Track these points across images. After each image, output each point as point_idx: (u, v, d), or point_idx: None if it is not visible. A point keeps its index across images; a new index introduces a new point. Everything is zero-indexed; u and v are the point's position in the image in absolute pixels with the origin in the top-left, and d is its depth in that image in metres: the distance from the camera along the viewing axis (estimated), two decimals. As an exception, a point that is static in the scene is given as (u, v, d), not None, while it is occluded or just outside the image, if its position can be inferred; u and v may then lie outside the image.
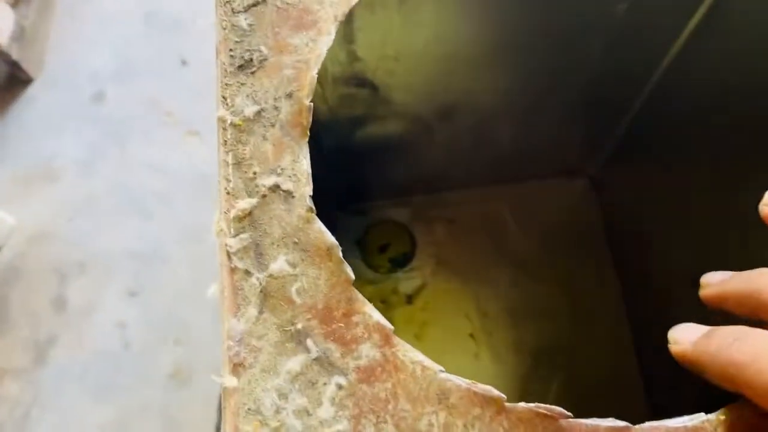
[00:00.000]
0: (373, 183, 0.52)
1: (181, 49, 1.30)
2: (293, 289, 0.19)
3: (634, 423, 0.18)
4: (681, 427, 0.18)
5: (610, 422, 0.18)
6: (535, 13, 0.36)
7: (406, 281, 0.52)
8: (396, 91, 0.41)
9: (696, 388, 0.42)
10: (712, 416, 0.18)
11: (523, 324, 0.51)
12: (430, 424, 0.18)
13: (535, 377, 0.49)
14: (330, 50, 0.35)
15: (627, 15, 0.35)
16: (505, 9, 0.35)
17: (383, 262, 0.52)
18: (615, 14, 0.35)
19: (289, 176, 0.21)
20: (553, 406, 0.18)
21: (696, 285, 0.46)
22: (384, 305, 0.52)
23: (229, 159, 0.21)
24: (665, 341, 0.47)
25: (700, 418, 0.18)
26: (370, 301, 0.53)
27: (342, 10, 0.23)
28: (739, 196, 0.37)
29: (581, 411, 0.50)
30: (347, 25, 0.34)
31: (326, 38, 0.22)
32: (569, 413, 0.18)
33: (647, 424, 0.18)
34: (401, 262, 0.52)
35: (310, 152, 0.42)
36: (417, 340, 0.51)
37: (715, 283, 0.23)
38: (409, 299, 0.52)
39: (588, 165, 0.53)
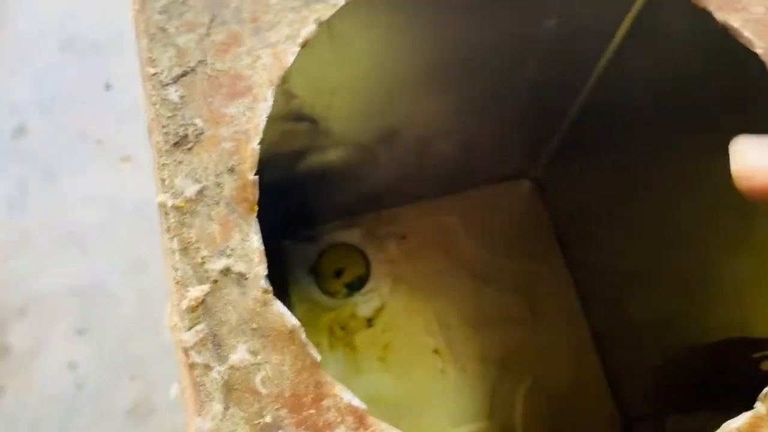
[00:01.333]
0: (320, 208, 0.52)
1: (103, 73, 1.26)
2: (257, 379, 0.19)
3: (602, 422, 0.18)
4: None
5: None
6: (467, 35, 0.35)
7: (365, 304, 0.52)
8: (335, 122, 0.40)
9: (660, 385, 0.43)
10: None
11: (486, 333, 0.51)
12: (415, 504, 0.18)
13: (501, 385, 0.50)
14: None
15: (557, 29, 0.35)
16: (438, 34, 0.35)
17: (339, 288, 0.52)
18: (546, 30, 0.35)
19: (240, 256, 0.20)
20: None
21: (644, 282, 0.47)
22: (344, 331, 0.51)
23: (175, 245, 0.20)
24: (624, 339, 0.49)
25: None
26: (330, 328, 0.52)
27: (277, 73, 0.22)
28: (674, 193, 0.39)
29: (550, 413, 0.51)
30: (279, 65, 0.33)
31: (263, 105, 0.21)
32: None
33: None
34: (357, 285, 0.52)
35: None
36: (381, 362, 0.50)
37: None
38: (370, 322, 0.51)
39: (532, 168, 0.54)
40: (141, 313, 1.10)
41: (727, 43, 0.23)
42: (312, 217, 0.53)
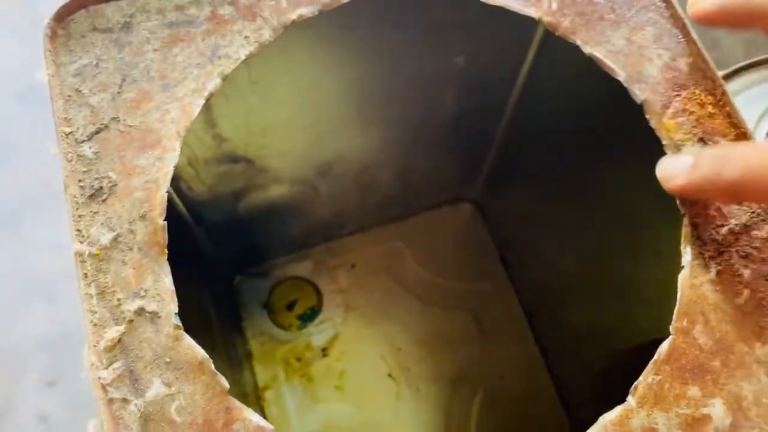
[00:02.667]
0: (270, 244, 0.53)
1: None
2: (172, 409, 0.20)
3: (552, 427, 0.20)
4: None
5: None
6: (383, 72, 0.38)
7: (318, 334, 0.53)
8: (271, 160, 0.42)
9: (602, 389, 0.45)
10: None
11: (437, 353, 0.53)
12: None
13: (455, 403, 0.51)
14: (197, 137, 0.36)
15: (466, 65, 0.38)
16: (354, 74, 0.37)
17: (292, 320, 0.53)
18: (456, 65, 0.38)
19: (153, 297, 0.21)
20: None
21: (581, 291, 0.49)
22: (300, 362, 0.52)
23: (92, 291, 0.21)
24: (567, 348, 0.51)
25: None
26: (285, 360, 0.53)
27: (183, 125, 0.24)
28: (595, 205, 0.41)
29: (504, 423, 0.52)
30: (207, 113, 0.35)
31: (171, 155, 0.23)
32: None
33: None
34: (310, 316, 0.53)
35: (194, 233, 0.42)
36: (338, 391, 0.52)
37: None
38: (324, 352, 0.53)
39: (469, 191, 0.56)
40: (111, 360, 1.09)
41: (607, 85, 0.26)
42: (262, 253, 0.55)
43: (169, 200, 0.40)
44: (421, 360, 0.53)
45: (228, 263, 0.53)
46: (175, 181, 0.39)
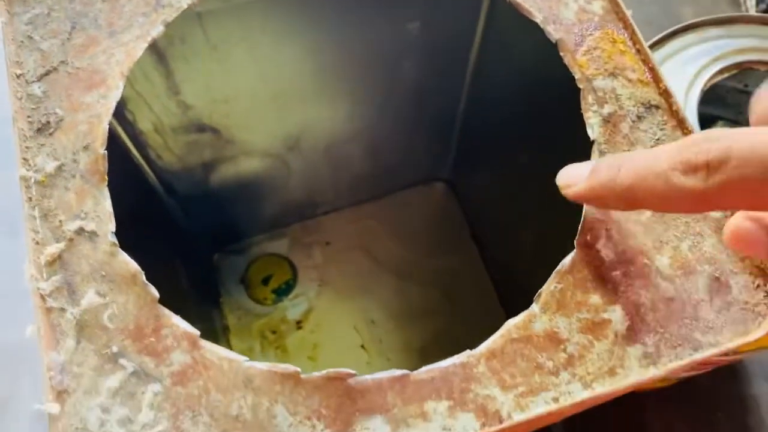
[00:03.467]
0: (245, 221, 0.55)
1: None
2: (105, 317, 0.22)
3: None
4: (450, 365, 0.21)
5: (390, 373, 0.21)
6: (341, 40, 0.40)
7: (293, 308, 0.55)
8: (237, 130, 0.44)
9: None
10: (476, 351, 0.22)
11: (408, 326, 0.54)
12: (240, 407, 0.20)
13: (425, 373, 0.52)
14: (161, 103, 0.38)
15: (421, 32, 0.40)
16: (312, 41, 0.39)
17: (268, 294, 0.55)
18: (411, 32, 0.40)
19: (93, 218, 0.23)
20: (340, 369, 0.21)
21: (549, 265, 0.50)
22: (275, 335, 0.54)
23: (36, 213, 0.23)
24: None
25: (465, 354, 0.21)
26: (261, 333, 0.55)
27: (127, 66, 0.25)
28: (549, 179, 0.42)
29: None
30: (169, 78, 0.37)
31: (115, 92, 0.25)
32: (354, 371, 0.21)
33: (424, 368, 0.21)
34: (285, 290, 0.55)
35: (167, 204, 0.44)
36: (312, 361, 0.53)
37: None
38: (299, 324, 0.54)
39: (440, 170, 0.57)
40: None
41: (540, 33, 0.27)
42: (239, 232, 0.56)
43: (139, 168, 0.42)
44: (393, 332, 0.54)
45: (206, 241, 0.54)
46: (144, 149, 0.41)
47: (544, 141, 0.40)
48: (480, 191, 0.56)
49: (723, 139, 0.17)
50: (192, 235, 0.52)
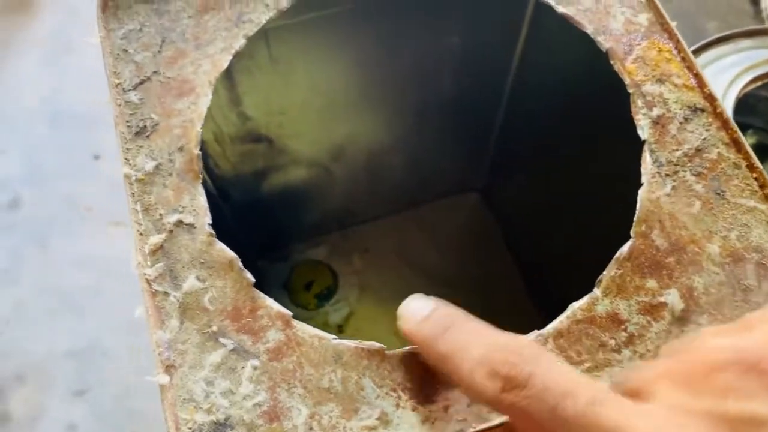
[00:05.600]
0: (288, 229, 0.57)
1: (92, 144, 1.33)
2: (206, 299, 0.24)
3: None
4: (521, 344, 0.23)
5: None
6: (388, 54, 0.42)
7: (335, 312, 0.57)
8: (289, 140, 0.46)
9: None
10: (543, 331, 0.23)
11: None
12: (331, 380, 0.23)
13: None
14: (223, 114, 0.41)
15: (462, 46, 0.42)
16: (363, 59, 0.41)
17: (310, 299, 0.57)
18: (453, 46, 0.42)
19: (190, 212, 0.25)
20: (422, 346, 0.23)
21: (584, 271, 0.52)
22: (317, 338, 0.56)
23: (138, 207, 0.25)
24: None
25: (534, 334, 0.23)
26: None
27: (214, 75, 0.28)
28: (592, 185, 0.44)
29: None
30: (232, 90, 0.40)
31: (204, 99, 0.27)
32: (434, 349, 0.23)
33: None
34: (326, 296, 0.57)
35: (222, 210, 0.46)
36: (353, 363, 0.55)
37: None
38: (340, 329, 0.56)
39: (475, 180, 0.60)
40: (137, 370, 1.13)
41: (583, 44, 0.29)
42: (282, 239, 0.59)
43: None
44: (431, 336, 0.56)
45: (253, 247, 0.57)
46: (204, 158, 0.43)
47: (583, 148, 0.43)
48: (514, 200, 0.58)
49: (531, 363, 0.18)
50: (240, 242, 0.54)
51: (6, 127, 1.45)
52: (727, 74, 0.38)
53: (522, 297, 0.57)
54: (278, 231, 0.57)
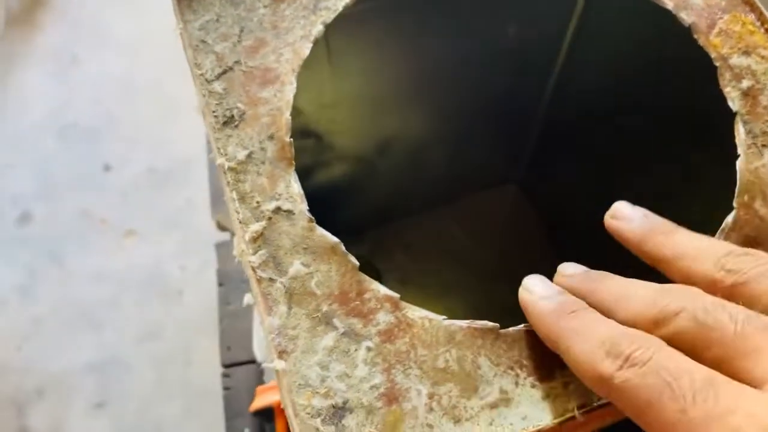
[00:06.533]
0: (330, 226, 0.57)
1: (101, 155, 1.33)
2: (312, 284, 0.24)
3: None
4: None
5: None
6: (444, 48, 0.42)
7: (379, 309, 0.56)
8: (337, 136, 0.46)
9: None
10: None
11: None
12: (446, 360, 0.22)
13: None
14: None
15: (515, 36, 0.42)
16: (419, 51, 0.41)
17: (354, 297, 0.57)
18: (506, 36, 0.42)
19: (287, 199, 0.25)
20: (537, 323, 0.22)
21: (626, 265, 0.52)
22: (363, 335, 0.55)
23: (234, 196, 0.25)
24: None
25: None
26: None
27: (297, 63, 0.28)
28: (642, 179, 0.44)
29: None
30: (288, 84, 0.39)
31: (289, 87, 0.27)
32: (550, 325, 0.22)
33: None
34: (370, 292, 0.57)
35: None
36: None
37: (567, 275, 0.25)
38: (385, 325, 0.56)
39: (514, 173, 0.59)
40: (157, 381, 1.13)
41: (656, 21, 0.29)
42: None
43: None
44: (478, 329, 0.56)
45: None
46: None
47: (634, 135, 0.43)
48: (554, 192, 0.57)
49: (653, 347, 0.18)
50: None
51: (14, 142, 1.45)
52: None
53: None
54: (321, 227, 0.57)
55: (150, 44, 1.36)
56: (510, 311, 0.57)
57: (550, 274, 0.26)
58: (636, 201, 0.47)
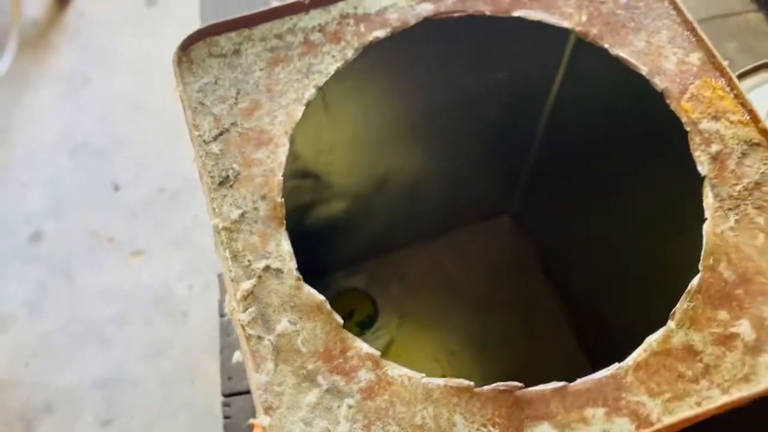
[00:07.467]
0: (328, 259, 0.58)
1: (111, 175, 1.35)
2: (298, 341, 0.25)
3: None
4: (602, 377, 0.24)
5: (551, 385, 0.24)
6: (436, 92, 0.44)
7: (376, 340, 0.58)
8: (335, 176, 0.48)
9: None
10: (623, 363, 0.25)
11: (486, 354, 0.57)
12: (423, 417, 0.24)
13: (506, 399, 0.55)
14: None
15: (508, 80, 0.44)
16: (410, 95, 0.43)
17: (353, 328, 0.58)
18: (499, 82, 0.44)
19: (276, 257, 0.27)
20: (509, 382, 0.24)
21: (617, 292, 0.53)
22: (360, 366, 0.57)
23: (227, 254, 0.27)
24: (606, 343, 0.54)
25: (614, 367, 0.24)
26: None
27: (290, 125, 0.29)
28: (628, 210, 0.45)
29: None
30: (285, 131, 0.41)
31: (282, 149, 0.29)
32: (521, 384, 0.24)
33: (579, 380, 0.24)
34: (367, 324, 0.58)
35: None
36: (396, 390, 0.56)
37: None
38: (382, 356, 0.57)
39: (508, 205, 0.61)
40: (164, 397, 1.14)
41: (631, 81, 0.31)
42: (322, 268, 0.60)
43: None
44: (473, 361, 0.57)
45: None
46: (255, 195, 0.45)
47: (619, 175, 0.44)
48: (546, 224, 0.59)
49: None
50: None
51: (27, 161, 1.48)
52: (764, 104, 0.40)
53: (559, 318, 0.58)
54: (319, 260, 0.58)
55: (159, 66, 1.38)
56: (504, 342, 0.59)
57: (546, 307, 0.27)
58: (622, 235, 0.48)
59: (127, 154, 1.36)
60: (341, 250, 0.58)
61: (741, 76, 0.40)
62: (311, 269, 0.58)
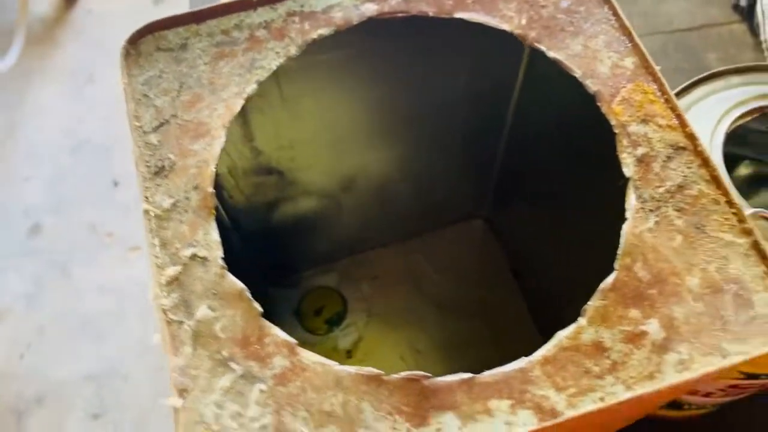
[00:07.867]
0: (298, 256, 0.59)
1: (111, 171, 1.37)
2: (217, 328, 0.26)
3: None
4: (510, 370, 0.25)
5: (458, 376, 0.24)
6: (398, 93, 0.44)
7: (344, 338, 0.58)
8: (299, 173, 0.48)
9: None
10: (531, 357, 0.25)
11: (453, 355, 0.58)
12: (332, 404, 0.24)
13: (470, 400, 0.55)
14: (237, 149, 0.43)
15: (467, 84, 0.44)
16: (371, 94, 0.44)
17: (320, 324, 0.58)
18: (458, 84, 0.44)
19: (203, 246, 0.27)
20: (418, 371, 0.24)
21: (585, 295, 0.53)
22: (327, 363, 0.57)
23: (156, 242, 0.27)
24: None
25: (523, 360, 0.25)
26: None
27: (228, 118, 0.30)
28: (587, 214, 0.46)
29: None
30: (246, 126, 0.42)
31: (218, 141, 0.29)
32: (429, 374, 0.24)
33: (487, 372, 0.25)
34: (336, 321, 0.59)
35: (232, 239, 0.48)
36: (361, 388, 0.56)
37: None
38: (349, 353, 0.58)
39: (480, 209, 0.61)
40: (155, 394, 1.15)
41: (572, 85, 0.31)
42: (293, 266, 0.60)
43: (216, 208, 0.46)
44: (438, 361, 0.57)
45: (263, 275, 0.59)
46: (219, 191, 0.45)
47: (579, 179, 0.44)
48: (517, 227, 0.59)
49: None
50: (251, 269, 0.56)
51: (30, 156, 1.50)
52: (719, 109, 0.40)
53: (526, 320, 0.59)
54: (289, 258, 0.59)
55: (160, 65, 1.40)
56: (470, 343, 0.59)
57: (514, 310, 0.28)
58: (581, 240, 0.49)
59: (127, 151, 1.37)
60: (313, 248, 0.59)
61: (680, 93, 0.41)
62: (281, 266, 0.59)
